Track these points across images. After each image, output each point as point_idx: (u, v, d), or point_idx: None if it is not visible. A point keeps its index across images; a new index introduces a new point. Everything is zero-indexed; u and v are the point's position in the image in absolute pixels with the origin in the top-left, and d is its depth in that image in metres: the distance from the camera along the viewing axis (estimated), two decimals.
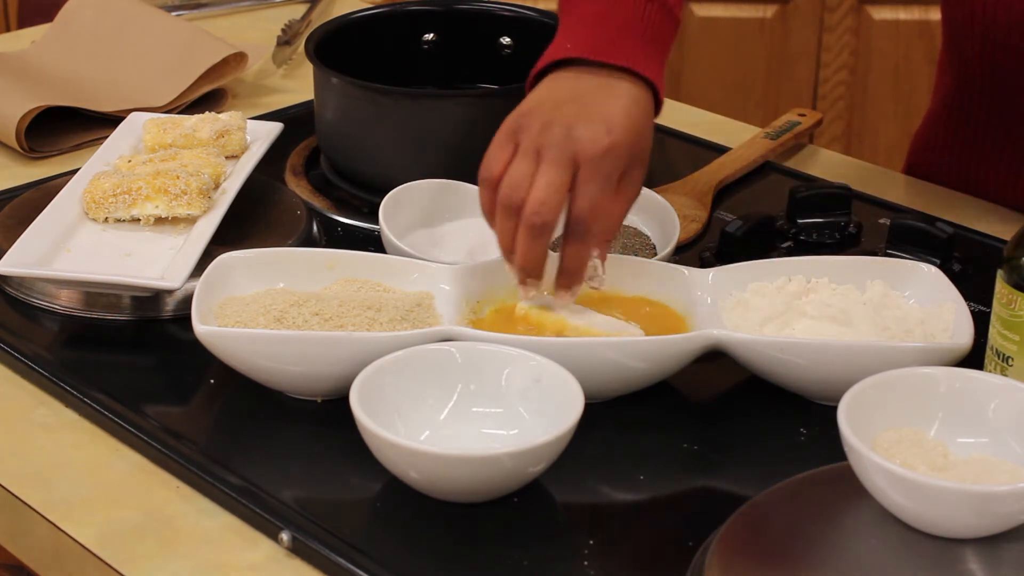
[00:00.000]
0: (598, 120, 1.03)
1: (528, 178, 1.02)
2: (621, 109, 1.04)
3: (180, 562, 0.94)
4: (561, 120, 1.03)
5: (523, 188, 1.02)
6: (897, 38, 2.64)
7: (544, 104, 1.05)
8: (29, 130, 1.45)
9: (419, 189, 1.25)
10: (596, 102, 1.04)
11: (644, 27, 1.08)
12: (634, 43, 1.07)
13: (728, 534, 0.89)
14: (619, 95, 1.05)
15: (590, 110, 1.04)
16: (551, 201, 1.01)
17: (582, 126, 1.02)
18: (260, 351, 1.04)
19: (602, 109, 1.04)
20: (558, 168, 1.02)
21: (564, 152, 1.02)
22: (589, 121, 1.03)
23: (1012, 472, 0.89)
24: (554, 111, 1.04)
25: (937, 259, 1.21)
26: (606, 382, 1.05)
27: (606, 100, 1.04)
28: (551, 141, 1.02)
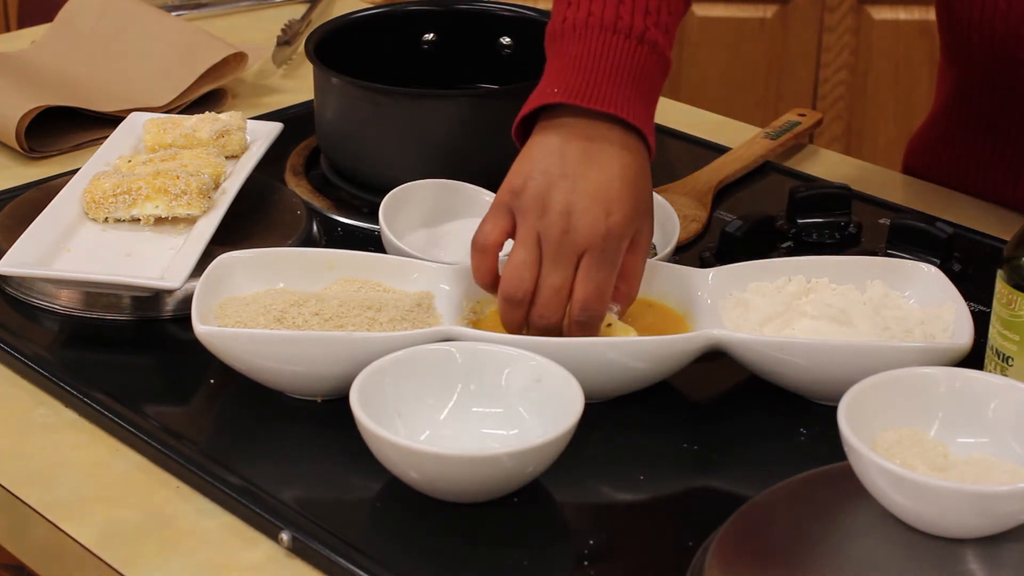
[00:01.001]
0: (594, 203, 1.02)
1: (530, 274, 1.03)
2: (616, 180, 1.04)
3: (180, 562, 0.94)
4: (558, 205, 1.02)
5: (527, 280, 1.03)
6: (897, 38, 2.64)
7: (535, 178, 1.04)
8: (29, 130, 1.45)
9: (419, 189, 1.25)
10: (588, 179, 1.03)
11: (633, 71, 1.06)
12: (622, 88, 1.05)
13: (728, 534, 0.89)
14: (609, 164, 1.04)
15: (584, 190, 1.03)
16: (554, 304, 1.03)
17: (580, 214, 1.02)
18: (260, 351, 1.04)
19: (596, 188, 1.03)
20: (560, 267, 1.02)
21: (564, 248, 1.02)
22: (585, 207, 1.02)
23: (1012, 472, 0.89)
24: (550, 192, 1.03)
25: (937, 259, 1.21)
26: (606, 382, 1.05)
27: (598, 174, 1.03)
28: (550, 233, 1.02)
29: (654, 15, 1.08)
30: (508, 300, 1.04)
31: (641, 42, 1.07)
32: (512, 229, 1.05)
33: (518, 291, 1.03)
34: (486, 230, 1.05)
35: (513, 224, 1.05)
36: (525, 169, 1.05)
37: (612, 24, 1.07)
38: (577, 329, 1.04)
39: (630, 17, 1.07)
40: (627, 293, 1.07)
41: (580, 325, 1.04)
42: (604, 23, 1.07)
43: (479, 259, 1.05)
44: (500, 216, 1.05)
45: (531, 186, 1.04)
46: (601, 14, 1.07)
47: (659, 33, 1.08)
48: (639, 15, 1.07)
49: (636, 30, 1.07)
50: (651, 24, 1.07)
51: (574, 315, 1.03)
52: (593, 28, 1.07)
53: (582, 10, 1.08)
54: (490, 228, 1.05)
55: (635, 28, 1.07)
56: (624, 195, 1.04)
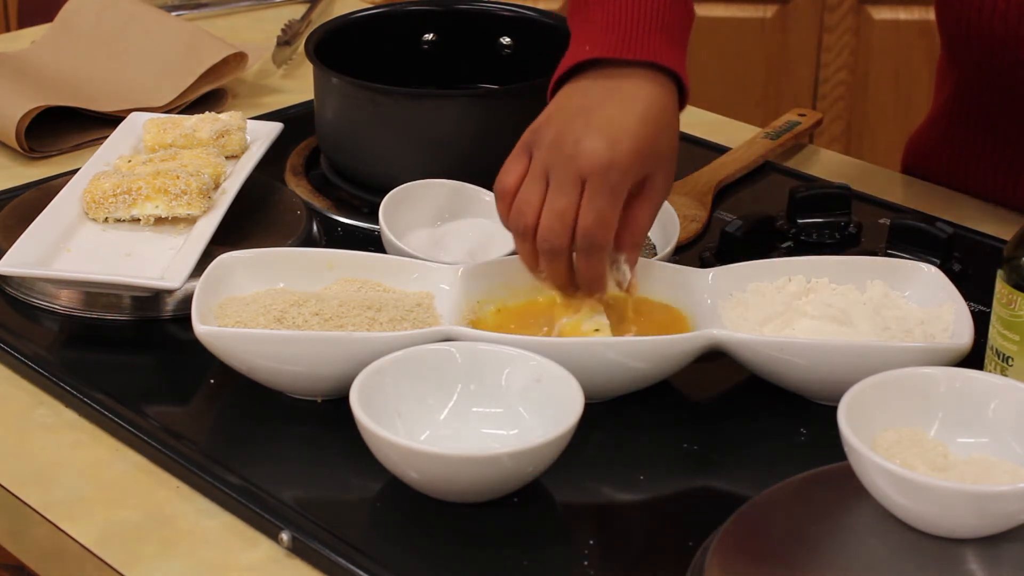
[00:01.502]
0: (603, 133, 1.02)
1: (536, 202, 1.03)
2: (632, 116, 1.04)
3: (180, 562, 0.94)
4: (568, 136, 1.03)
5: (531, 213, 1.03)
6: (897, 38, 2.64)
7: (556, 116, 1.05)
8: (29, 130, 1.45)
9: (419, 189, 1.25)
10: (605, 112, 1.04)
11: (660, 20, 1.07)
12: (652, 36, 1.06)
13: (728, 534, 0.89)
14: (632, 100, 1.04)
15: (597, 122, 1.03)
16: (556, 227, 1.02)
17: (586, 141, 1.02)
18: (260, 351, 1.04)
19: (609, 120, 1.03)
20: (563, 192, 1.02)
21: (568, 173, 1.02)
22: (593, 135, 1.02)
23: (1012, 472, 0.89)
24: (564, 125, 1.04)
25: (937, 259, 1.21)
26: (606, 382, 1.05)
27: (616, 108, 1.04)
28: (557, 161, 1.03)
29: None
30: (515, 231, 1.04)
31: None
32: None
33: (520, 223, 1.03)
34: (504, 173, 1.06)
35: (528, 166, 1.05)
36: (549, 110, 1.06)
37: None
38: (581, 259, 1.03)
39: None
40: (630, 240, 1.06)
41: (583, 253, 1.03)
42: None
43: (500, 204, 1.06)
44: (518, 157, 1.06)
45: (549, 123, 1.05)
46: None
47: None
48: None
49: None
50: None
51: (576, 242, 1.03)
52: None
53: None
54: (508, 171, 1.05)
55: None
56: (637, 131, 1.03)
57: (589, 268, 1.04)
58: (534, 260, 1.05)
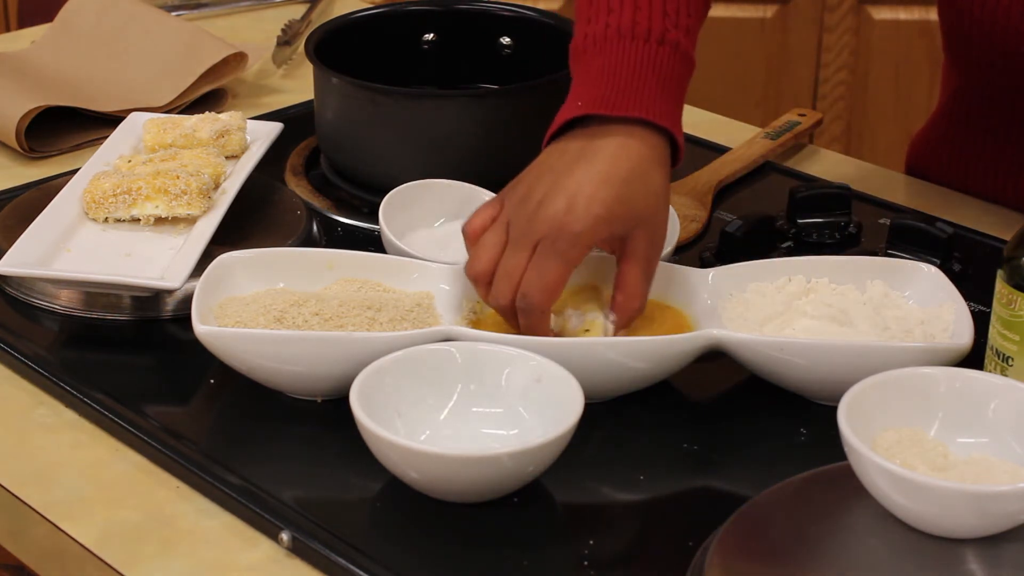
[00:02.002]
0: (563, 196, 1.02)
1: (492, 252, 1.04)
2: (596, 178, 1.02)
3: (180, 562, 0.94)
4: (534, 195, 1.03)
5: (485, 261, 1.04)
6: (897, 38, 2.64)
7: (531, 172, 1.06)
8: (29, 130, 1.45)
9: (419, 189, 1.25)
10: (571, 173, 1.03)
11: (656, 72, 1.06)
12: (646, 90, 1.05)
13: (728, 534, 0.89)
14: (601, 160, 1.03)
15: (562, 184, 1.02)
16: (503, 289, 1.03)
17: (546, 203, 1.02)
18: (260, 351, 1.04)
19: (574, 182, 1.02)
20: (518, 252, 1.03)
21: (524, 232, 1.03)
22: (554, 198, 1.02)
23: (1012, 472, 0.89)
24: (534, 182, 1.04)
25: (937, 259, 1.21)
26: (606, 382, 1.05)
27: (583, 170, 1.03)
28: (517, 219, 1.04)
29: (672, 17, 1.08)
30: (471, 278, 1.05)
31: (661, 43, 1.06)
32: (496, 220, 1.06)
33: (475, 269, 1.05)
34: (474, 216, 1.07)
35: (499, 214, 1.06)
36: (530, 166, 1.07)
37: (630, 31, 1.06)
38: (521, 317, 1.03)
39: (647, 22, 1.07)
40: (623, 304, 1.06)
41: (520, 312, 1.03)
42: (622, 31, 1.07)
43: (466, 245, 1.07)
44: (492, 204, 1.07)
45: (524, 177, 1.06)
46: (618, 23, 1.07)
47: (680, 34, 1.08)
48: (657, 18, 1.07)
49: (655, 33, 1.06)
50: (670, 26, 1.07)
51: (517, 301, 1.03)
52: (611, 39, 1.07)
53: (599, 23, 1.08)
54: (478, 215, 1.06)
55: (653, 31, 1.06)
56: (601, 195, 1.02)
57: (527, 328, 1.04)
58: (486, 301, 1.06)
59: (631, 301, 1.06)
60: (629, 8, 1.07)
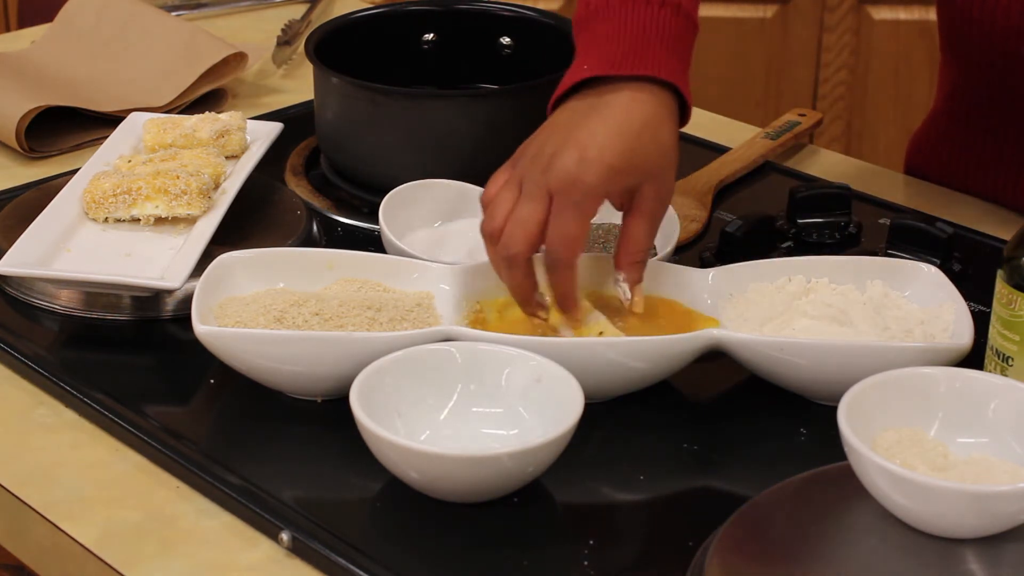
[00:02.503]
0: (575, 148, 1.02)
1: (505, 208, 1.03)
2: (608, 129, 1.03)
3: (180, 562, 0.94)
4: (546, 150, 1.03)
5: (498, 217, 1.03)
6: (897, 38, 2.64)
7: (542, 132, 1.06)
8: (29, 130, 1.45)
9: (419, 189, 1.25)
10: (583, 126, 1.03)
11: (659, 32, 1.06)
12: (652, 50, 1.06)
13: (728, 534, 0.89)
14: (612, 113, 1.03)
15: (575, 137, 1.03)
16: (517, 235, 1.02)
17: (559, 156, 1.02)
18: (260, 351, 1.04)
19: (587, 134, 1.02)
20: (530, 202, 1.02)
21: (538, 184, 1.02)
22: (567, 151, 1.02)
23: (1012, 472, 0.89)
24: (545, 139, 1.04)
25: (937, 259, 1.21)
26: (606, 382, 1.05)
27: (595, 123, 1.03)
28: (530, 174, 1.03)
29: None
30: (483, 234, 1.04)
31: (663, 5, 1.07)
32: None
33: (487, 226, 1.04)
34: (489, 183, 1.06)
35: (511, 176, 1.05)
36: (539, 128, 1.06)
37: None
38: (549, 275, 1.03)
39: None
40: (627, 258, 1.06)
41: (548, 270, 1.03)
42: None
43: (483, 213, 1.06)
44: (504, 169, 1.06)
45: (535, 137, 1.05)
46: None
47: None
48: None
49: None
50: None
51: (544, 259, 1.03)
52: (614, 5, 1.08)
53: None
54: (492, 181, 1.06)
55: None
56: (611, 144, 1.02)
57: (556, 284, 1.04)
58: (493, 261, 1.05)
59: (635, 255, 1.06)
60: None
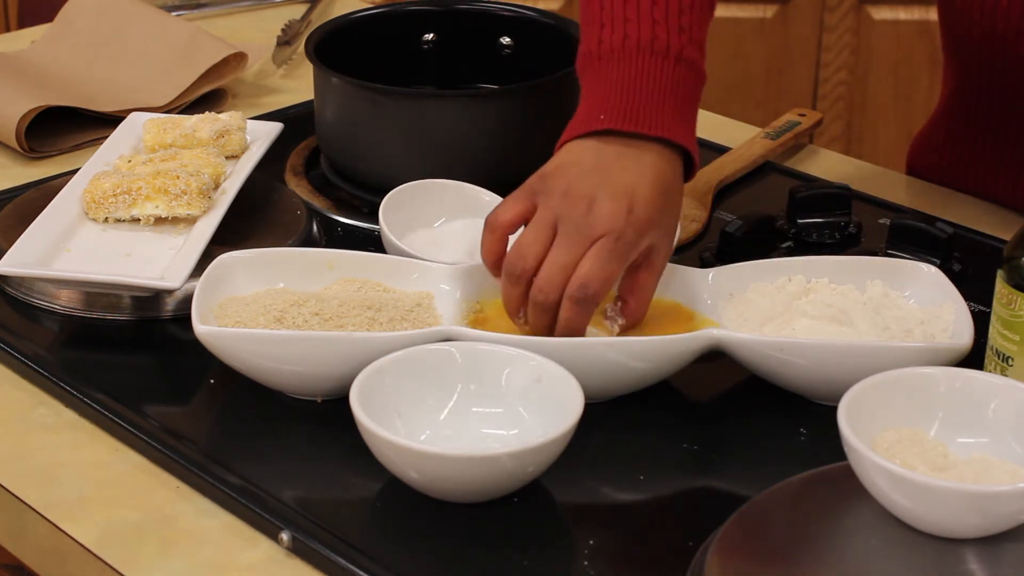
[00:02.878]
0: (620, 195, 1.02)
1: (539, 250, 1.01)
2: (647, 183, 1.03)
3: (180, 562, 0.94)
4: (582, 192, 1.02)
5: (531, 258, 1.01)
6: (897, 38, 2.64)
7: (567, 169, 1.04)
8: (29, 130, 1.45)
9: (419, 189, 1.25)
10: (621, 174, 1.03)
11: (675, 90, 1.06)
12: (666, 109, 1.05)
13: (728, 534, 0.89)
14: (645, 166, 1.04)
15: (613, 184, 1.02)
16: (557, 279, 1.01)
17: (603, 202, 1.01)
18: (260, 351, 1.04)
19: (626, 183, 1.02)
20: (572, 247, 1.01)
21: (581, 231, 1.01)
22: (610, 197, 1.01)
23: (1012, 472, 0.89)
24: (577, 180, 1.03)
25: (937, 259, 1.21)
26: (606, 382, 1.05)
27: (631, 174, 1.03)
28: (570, 215, 1.02)
29: (687, 32, 1.08)
30: (509, 274, 1.03)
31: (679, 62, 1.07)
32: (530, 214, 1.04)
33: (518, 266, 1.02)
34: (502, 209, 1.04)
35: (532, 209, 1.04)
36: (559, 160, 1.05)
37: (649, 45, 1.07)
38: (568, 305, 1.01)
39: (666, 37, 1.07)
40: (635, 309, 1.06)
41: (574, 302, 1.01)
42: (641, 45, 1.07)
43: (488, 237, 1.05)
44: (521, 198, 1.04)
45: (561, 173, 1.04)
46: (637, 36, 1.07)
47: (694, 50, 1.08)
48: (674, 34, 1.07)
49: (673, 50, 1.07)
50: (686, 42, 1.08)
51: (571, 290, 1.01)
52: (630, 50, 1.07)
53: (618, 32, 1.08)
54: (507, 207, 1.04)
55: (672, 48, 1.07)
56: (652, 198, 1.03)
57: (575, 320, 1.02)
58: (519, 306, 1.04)
59: (642, 308, 1.07)
60: (647, 22, 1.07)
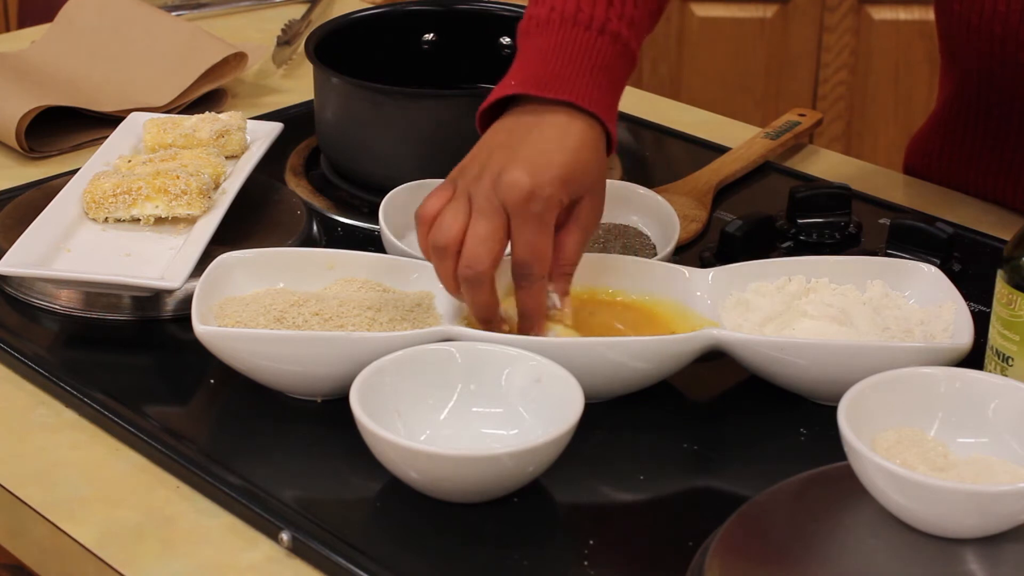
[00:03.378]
0: (525, 163, 1.02)
1: (456, 223, 1.02)
2: (553, 144, 1.04)
3: (180, 562, 0.94)
4: (492, 168, 1.03)
5: (451, 232, 1.02)
6: (897, 38, 2.64)
7: (480, 152, 1.06)
8: (29, 130, 1.45)
9: (419, 189, 1.25)
10: (526, 144, 1.04)
11: (593, 60, 1.07)
12: (580, 76, 1.06)
13: (728, 534, 0.89)
14: (554, 130, 1.04)
15: (521, 154, 1.03)
16: (480, 252, 1.02)
17: (508, 172, 1.02)
18: (260, 351, 1.04)
19: (532, 151, 1.03)
20: (486, 218, 1.02)
21: (491, 201, 1.02)
22: (516, 166, 1.02)
23: (1012, 472, 0.89)
24: (487, 158, 1.04)
25: (937, 259, 1.21)
26: (606, 382, 1.05)
27: (539, 140, 1.04)
28: (479, 190, 1.03)
29: (618, 7, 1.08)
30: (435, 248, 1.03)
31: (602, 33, 1.07)
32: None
33: (443, 238, 1.02)
34: (427, 200, 1.05)
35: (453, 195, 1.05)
36: (475, 148, 1.07)
37: (572, 17, 1.08)
38: (519, 292, 1.03)
39: (591, 9, 1.08)
40: (560, 270, 1.06)
41: (519, 286, 1.03)
42: (564, 16, 1.08)
43: (420, 229, 1.05)
44: (443, 189, 1.05)
45: (474, 158, 1.06)
46: (562, 8, 1.08)
47: (623, 25, 1.08)
48: (600, 7, 1.08)
49: (597, 21, 1.07)
50: (614, 16, 1.08)
51: (513, 274, 1.03)
52: (554, 23, 1.08)
53: (545, 6, 1.09)
54: (430, 198, 1.05)
55: (595, 20, 1.07)
56: (559, 159, 1.03)
57: (528, 299, 1.04)
58: (454, 283, 1.04)
59: (567, 266, 1.06)
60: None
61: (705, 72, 2.69)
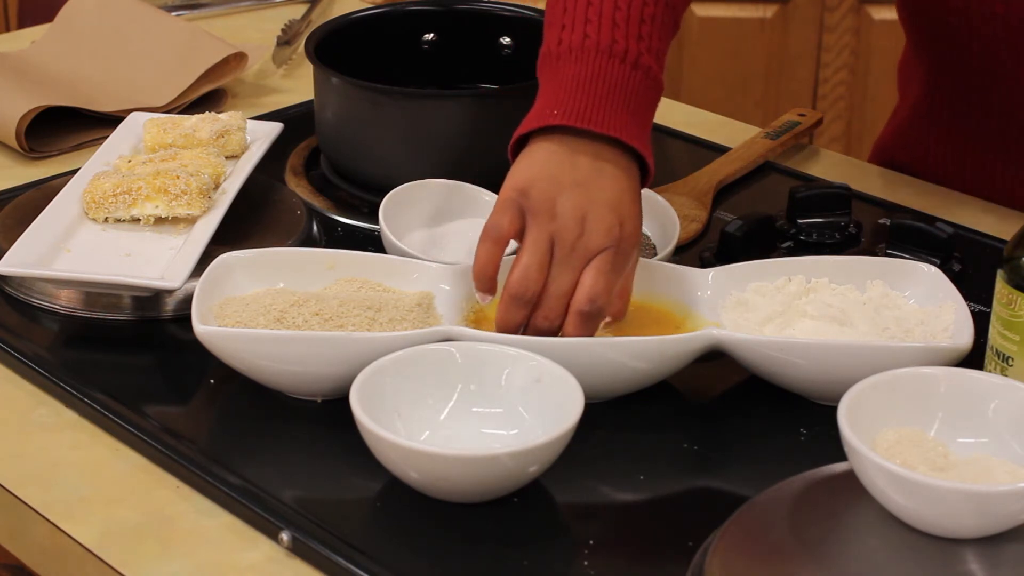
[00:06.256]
0: (610, 211, 1.03)
1: (539, 272, 1.02)
2: (628, 195, 1.05)
3: (180, 562, 0.94)
4: (572, 211, 1.03)
5: (535, 283, 1.02)
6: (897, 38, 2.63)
7: (545, 182, 1.04)
8: (29, 130, 1.45)
9: (419, 189, 1.25)
10: (600, 189, 1.04)
11: (630, 96, 1.07)
12: (620, 111, 1.06)
13: (728, 534, 0.89)
14: (618, 177, 1.05)
15: (598, 198, 1.04)
16: (558, 308, 1.03)
17: (594, 220, 1.03)
18: (260, 351, 1.04)
19: (608, 198, 1.04)
20: (569, 271, 1.03)
21: (577, 252, 1.03)
22: (601, 213, 1.03)
23: (1012, 472, 0.89)
24: (559, 196, 1.04)
25: (937, 259, 1.21)
26: (606, 382, 1.05)
27: (609, 186, 1.04)
28: (565, 237, 1.03)
29: (646, 41, 1.08)
30: (515, 300, 1.03)
31: (636, 68, 1.07)
32: (523, 226, 1.04)
33: (527, 292, 1.03)
34: (499, 222, 1.04)
35: (523, 221, 1.04)
36: (532, 172, 1.05)
37: (608, 48, 1.07)
38: (577, 321, 1.03)
39: (624, 42, 1.07)
40: (621, 310, 1.08)
41: (583, 317, 1.02)
42: (600, 47, 1.07)
43: (488, 249, 1.04)
44: (510, 210, 1.04)
45: (540, 187, 1.04)
46: (597, 37, 1.07)
47: (652, 59, 1.09)
48: (632, 41, 1.08)
49: (631, 55, 1.07)
50: (644, 50, 1.08)
51: (579, 306, 1.02)
52: (589, 51, 1.07)
53: (577, 33, 1.08)
54: (503, 221, 1.04)
55: (629, 53, 1.07)
56: (634, 210, 1.05)
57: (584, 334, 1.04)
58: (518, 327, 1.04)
59: (626, 308, 1.08)
60: (607, 25, 1.08)
61: (705, 72, 2.69)
